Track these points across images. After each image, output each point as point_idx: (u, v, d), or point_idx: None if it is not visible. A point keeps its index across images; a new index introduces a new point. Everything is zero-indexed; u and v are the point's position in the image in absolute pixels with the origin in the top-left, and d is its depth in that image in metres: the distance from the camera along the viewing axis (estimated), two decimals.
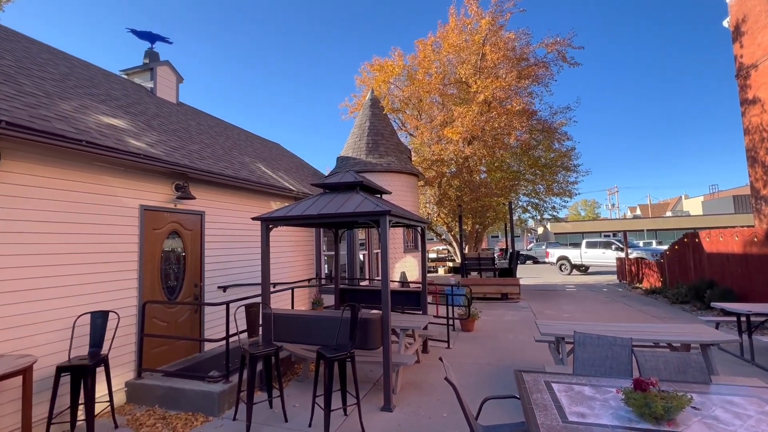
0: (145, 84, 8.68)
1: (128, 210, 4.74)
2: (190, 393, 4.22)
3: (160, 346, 5.04)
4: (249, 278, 6.71)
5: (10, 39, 6.02)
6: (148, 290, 4.91)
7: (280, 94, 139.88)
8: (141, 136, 5.25)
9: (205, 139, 7.55)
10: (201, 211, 5.85)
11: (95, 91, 6.09)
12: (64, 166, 4.07)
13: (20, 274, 3.64)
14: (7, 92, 3.94)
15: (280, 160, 10.55)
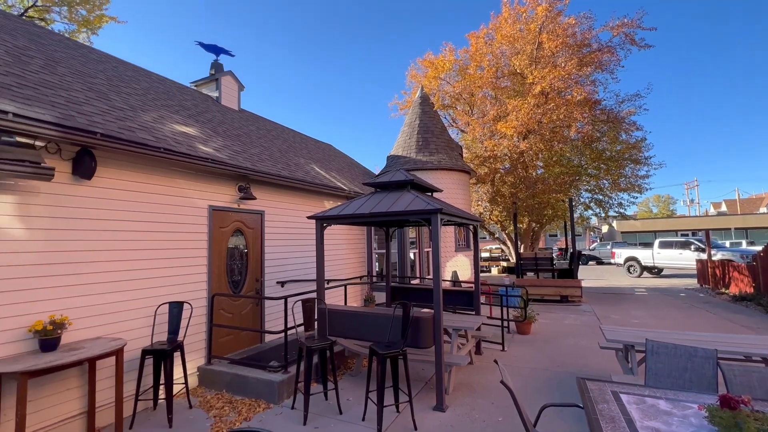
0: (211, 93, 9.41)
1: (199, 210, 5.18)
2: (253, 381, 4.51)
3: (227, 335, 5.45)
4: (304, 274, 7.01)
5: (102, 60, 6.85)
6: (216, 284, 5.33)
7: (332, 94, 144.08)
8: (209, 142, 5.70)
9: (264, 142, 8.01)
10: (261, 210, 6.22)
11: (170, 102, 6.73)
12: (146, 171, 4.55)
13: (113, 267, 4.14)
14: (101, 107, 4.50)
15: (333, 161, 10.88)
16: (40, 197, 3.59)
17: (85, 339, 3.80)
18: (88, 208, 3.96)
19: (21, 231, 3.45)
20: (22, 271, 3.43)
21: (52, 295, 3.63)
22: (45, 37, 6.17)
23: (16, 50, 4.71)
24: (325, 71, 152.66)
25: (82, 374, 3.79)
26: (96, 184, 4.02)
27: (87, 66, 5.89)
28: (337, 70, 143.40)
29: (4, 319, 3.29)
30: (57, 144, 3.70)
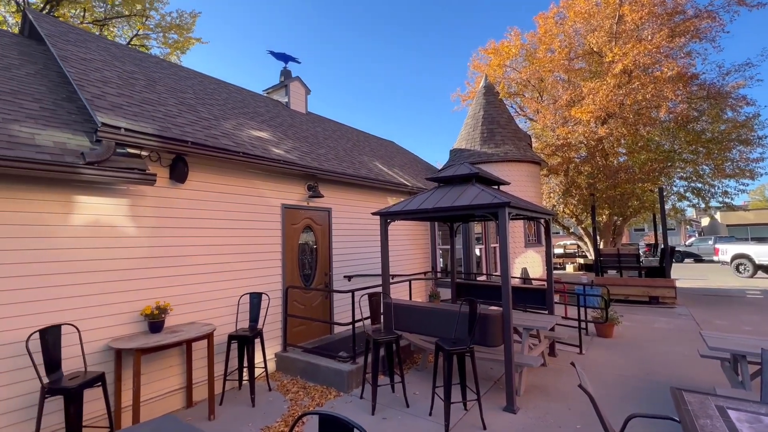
0: (281, 99, 10.05)
1: (273, 209, 5.58)
2: (324, 369, 4.76)
3: (300, 325, 5.81)
4: (370, 269, 7.19)
5: (190, 77, 7.68)
6: (289, 277, 5.71)
7: (392, 90, 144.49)
8: (280, 145, 6.11)
9: (330, 143, 8.35)
10: (328, 207, 6.51)
11: (246, 110, 7.33)
12: (227, 173, 5.02)
13: (202, 260, 4.65)
14: (190, 118, 5.06)
15: (395, 157, 10.97)
16: (145, 200, 4.15)
17: (182, 323, 4.32)
18: (182, 209, 4.49)
19: (133, 229, 4.03)
20: (134, 263, 4.01)
21: (156, 285, 4.19)
22: (145, 60, 7.09)
23: (125, 74, 5.48)
24: (385, 67, 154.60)
25: (181, 354, 4.33)
26: (188, 187, 4.53)
27: (178, 83, 6.66)
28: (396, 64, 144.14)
29: (122, 303, 3.88)
30: (157, 153, 4.25)
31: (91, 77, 4.65)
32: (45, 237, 3.44)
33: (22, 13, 7.91)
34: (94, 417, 3.55)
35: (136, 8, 13.38)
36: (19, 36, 6.46)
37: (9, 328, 3.18)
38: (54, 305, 3.44)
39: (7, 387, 3.14)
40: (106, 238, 3.83)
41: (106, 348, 3.71)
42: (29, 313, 3.30)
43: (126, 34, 14.17)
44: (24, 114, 3.74)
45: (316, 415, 1.49)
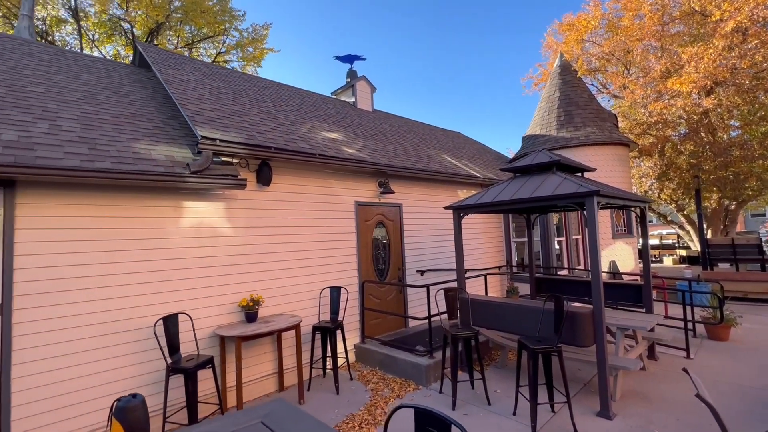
0: (348, 99, 10.37)
1: (347, 206, 5.81)
2: (402, 362, 4.85)
3: (375, 319, 5.99)
4: (442, 263, 7.13)
5: (267, 87, 8.29)
6: (364, 272, 5.91)
7: (458, 76, 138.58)
8: (351, 144, 6.31)
9: (397, 138, 8.41)
10: (399, 203, 6.58)
11: (318, 113, 7.69)
12: (305, 174, 5.33)
13: (287, 256, 5.01)
14: (271, 125, 5.46)
15: (463, 148, 10.68)
16: (237, 202, 4.60)
17: (272, 314, 4.72)
18: (268, 209, 4.88)
19: (228, 229, 4.50)
20: (231, 260, 4.47)
21: (249, 279, 4.62)
22: (229, 75, 7.81)
23: (215, 90, 6.10)
24: (449, 57, 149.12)
25: (272, 342, 4.74)
26: (272, 189, 4.91)
27: (258, 93, 7.22)
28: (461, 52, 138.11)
29: (224, 296, 4.36)
30: (246, 159, 4.67)
31: (189, 96, 5.25)
32: (162, 238, 4.00)
33: (133, 46, 9.17)
34: (206, 394, 4.05)
35: (219, 29, 14.79)
36: (131, 66, 7.53)
37: (140, 316, 3.77)
38: (172, 297, 3.99)
39: (142, 364, 3.73)
40: (208, 237, 4.32)
41: (212, 335, 4.21)
42: (154, 303, 3.87)
43: (210, 54, 15.74)
44: (141, 133, 4.37)
45: (406, 408, 1.53)
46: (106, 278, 3.64)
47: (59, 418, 3.29)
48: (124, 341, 3.68)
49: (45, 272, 3.35)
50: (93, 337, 3.52)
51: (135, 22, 13.40)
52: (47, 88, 4.63)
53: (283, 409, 1.54)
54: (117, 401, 1.10)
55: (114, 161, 3.57)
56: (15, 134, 3.38)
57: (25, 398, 3.17)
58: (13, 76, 4.64)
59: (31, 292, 3.26)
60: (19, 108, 3.89)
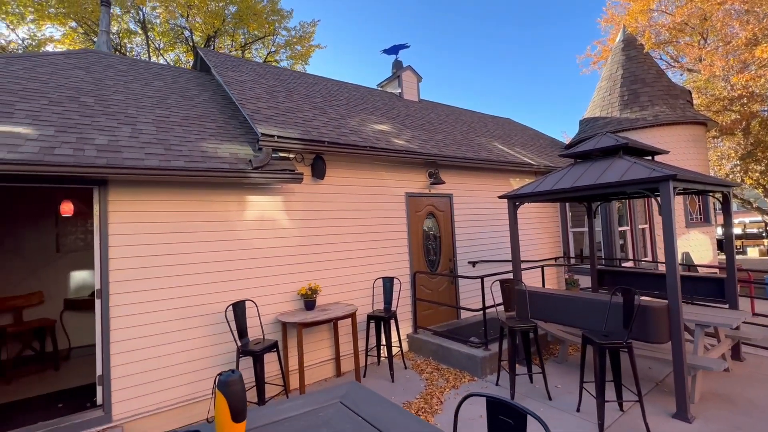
0: (394, 91, 10.34)
1: (397, 198, 5.84)
2: (456, 353, 4.83)
3: (427, 309, 6.00)
4: (495, 255, 6.96)
5: (316, 83, 8.49)
6: (415, 262, 5.93)
7: (507, 61, 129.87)
8: (400, 135, 6.31)
9: (445, 128, 8.26)
10: (449, 193, 6.49)
11: (366, 106, 7.76)
12: (356, 167, 5.42)
13: (341, 247, 5.16)
14: (322, 120, 5.61)
15: (514, 135, 10.24)
16: (294, 196, 4.80)
17: (329, 303, 4.91)
18: (322, 202, 5.04)
19: (287, 222, 4.72)
20: (290, 250, 4.70)
21: (307, 269, 4.83)
22: (282, 74, 8.10)
23: (270, 89, 6.37)
24: (498, 42, 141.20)
25: (329, 329, 4.93)
26: (326, 182, 5.06)
27: (308, 89, 7.43)
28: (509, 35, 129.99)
29: (284, 285, 4.61)
30: (301, 154, 4.85)
31: (247, 95, 5.54)
32: (228, 230, 4.29)
33: (194, 51, 9.81)
34: (270, 376, 4.33)
35: (269, 29, 15.38)
36: (193, 70, 8.07)
37: (212, 302, 4.09)
38: (238, 285, 4.29)
39: (215, 346, 4.07)
40: (269, 229, 4.57)
41: (275, 321, 4.48)
42: (223, 291, 4.19)
43: (261, 54, 16.42)
44: (208, 133, 4.69)
45: (468, 398, 1.52)
46: (183, 267, 3.99)
47: (150, 390, 3.69)
48: (199, 324, 4.02)
49: (133, 261, 3.74)
50: (174, 320, 3.89)
51: (195, 30, 14.33)
52: (126, 96, 5.11)
53: (358, 391, 1.60)
54: (219, 375, 1.21)
55: (186, 160, 3.88)
56: (105, 139, 3.78)
57: (122, 372, 3.59)
58: (99, 86, 5.18)
59: (122, 279, 3.67)
60: (106, 115, 4.35)
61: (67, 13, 12.45)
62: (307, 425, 1.29)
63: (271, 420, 1.32)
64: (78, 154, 3.38)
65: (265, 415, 1.36)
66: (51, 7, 12.29)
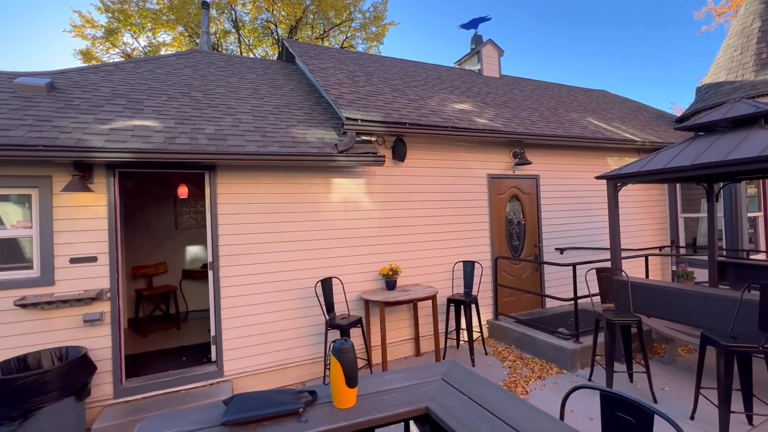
0: (473, 68, 9.85)
1: (478, 179, 5.62)
2: (542, 343, 4.57)
3: (509, 296, 5.76)
4: (586, 241, 6.38)
5: (393, 65, 8.45)
6: (497, 247, 5.69)
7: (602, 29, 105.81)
8: (482, 114, 6.01)
9: (531, 104, 7.66)
10: (536, 174, 6.06)
11: (444, 85, 7.53)
12: (435, 148, 5.32)
13: (421, 229, 5.15)
14: (402, 102, 5.58)
15: (611, 109, 9.12)
16: (376, 178, 4.89)
17: (409, 284, 4.97)
18: (403, 184, 5.06)
19: (368, 203, 4.84)
20: (372, 231, 4.83)
21: (387, 250, 4.93)
22: (360, 58, 8.21)
23: (350, 74, 6.51)
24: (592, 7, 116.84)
25: (409, 310, 5.01)
26: (406, 164, 5.06)
27: (386, 72, 7.43)
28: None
29: (366, 264, 4.77)
30: (382, 137, 4.90)
31: (330, 81, 5.73)
32: (316, 211, 4.55)
33: (279, 44, 10.40)
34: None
35: (345, 13, 15.69)
36: (279, 62, 8.58)
37: (302, 277, 4.42)
38: (324, 263, 4.55)
39: (307, 317, 4.41)
40: (352, 211, 4.74)
41: (358, 298, 4.68)
42: (311, 267, 4.48)
43: (338, 40, 16.84)
44: (296, 120, 4.98)
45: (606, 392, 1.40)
46: (277, 245, 4.34)
47: (251, 353, 4.16)
48: (291, 297, 4.38)
49: (236, 238, 4.18)
50: (270, 292, 4.29)
51: (279, 23, 15.21)
52: (226, 89, 5.63)
53: (459, 370, 1.60)
54: (334, 342, 1.29)
55: (280, 145, 4.17)
56: (213, 128, 4.23)
57: (230, 335, 4.09)
58: (204, 82, 5.78)
59: (228, 254, 4.13)
60: (211, 107, 4.84)
61: (176, 20, 14.07)
62: (413, 398, 1.33)
63: (379, 389, 1.38)
64: (193, 142, 3.83)
65: (372, 383, 1.43)
66: (164, 15, 14.00)
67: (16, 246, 3.49)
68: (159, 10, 13.98)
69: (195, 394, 3.80)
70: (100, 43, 13.95)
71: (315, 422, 1.21)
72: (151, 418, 1.27)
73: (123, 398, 3.66)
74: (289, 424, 1.19)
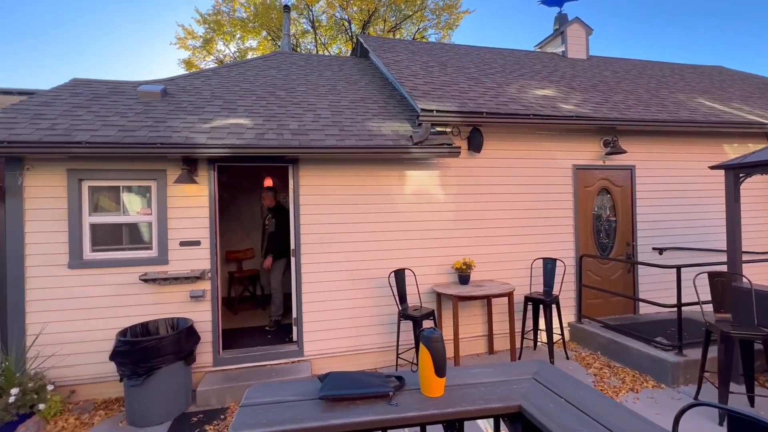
0: (556, 50, 9.10)
1: (562, 170, 5.20)
2: (636, 352, 4.12)
3: (595, 298, 5.28)
4: (691, 241, 5.58)
5: (467, 53, 8.16)
6: (582, 244, 5.24)
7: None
8: (568, 99, 5.53)
9: (625, 86, 6.86)
10: (630, 165, 5.43)
11: (523, 71, 7.07)
12: (514, 138, 5.03)
13: (496, 224, 4.95)
14: (479, 91, 5.37)
15: (730, 88, 7.77)
16: (450, 170, 4.79)
17: (482, 279, 4.82)
18: (478, 176, 4.90)
19: (442, 196, 4.77)
20: (445, 224, 4.77)
21: (460, 244, 4.82)
22: (433, 49, 8.08)
23: (424, 65, 6.44)
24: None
25: (482, 306, 4.87)
26: (483, 155, 4.88)
27: (460, 60, 7.21)
28: None
29: (438, 257, 4.73)
30: (458, 127, 4.77)
31: (405, 73, 5.73)
32: (390, 203, 4.61)
33: (353, 40, 10.67)
34: None
35: (416, 5, 15.54)
36: (353, 57, 8.80)
37: (378, 267, 4.52)
38: (398, 254, 4.61)
39: (380, 307, 4.52)
40: (425, 203, 4.71)
41: (430, 291, 4.66)
42: (385, 258, 4.56)
43: (410, 32, 16.75)
44: (371, 113, 5.07)
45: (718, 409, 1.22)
46: (352, 235, 4.50)
47: (327, 337, 4.39)
48: (365, 287, 4.51)
49: (315, 228, 4.42)
50: (345, 280, 4.47)
51: (352, 19, 15.61)
52: (306, 87, 5.94)
53: (550, 370, 1.51)
54: (422, 331, 1.30)
55: (356, 139, 4.29)
56: (296, 124, 4.50)
57: (309, 318, 4.36)
58: (287, 81, 6.16)
59: (309, 242, 4.38)
60: (294, 104, 5.15)
61: (260, 25, 15.21)
62: (503, 394, 1.28)
63: (466, 381, 1.36)
64: (279, 137, 4.11)
65: (459, 375, 1.42)
66: (250, 23, 15.22)
67: (139, 230, 4.10)
68: (246, 18, 15.23)
69: (279, 369, 4.13)
70: (198, 52, 15.66)
71: (404, 407, 1.23)
72: (257, 386, 1.41)
73: (220, 367, 4.12)
74: (379, 406, 1.23)
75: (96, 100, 4.58)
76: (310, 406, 1.23)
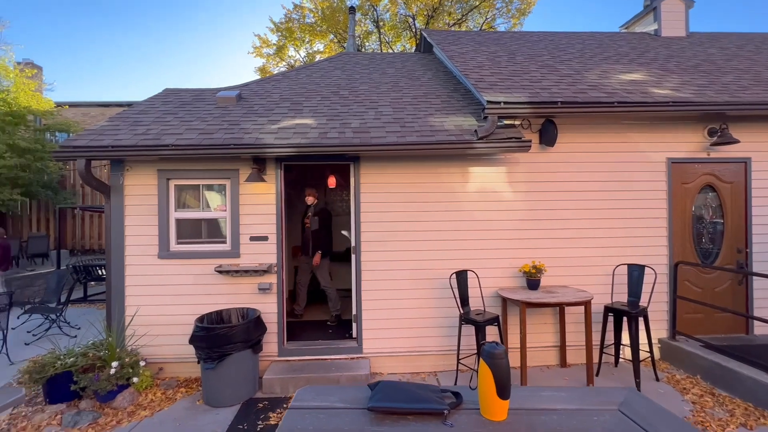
0: (647, 29, 8.03)
1: (654, 165, 4.55)
2: (749, 380, 3.44)
3: (693, 312, 4.54)
4: None
5: (540, 39, 7.55)
6: (678, 250, 4.54)
7: None
8: (661, 84, 4.82)
9: (739, 64, 5.79)
10: (744, 157, 4.56)
11: (606, 54, 6.33)
12: (594, 130, 4.52)
13: (572, 224, 4.49)
14: (553, 79, 4.91)
15: None
16: (518, 166, 4.45)
17: (555, 285, 4.40)
18: (550, 172, 4.48)
19: (509, 194, 4.45)
20: (512, 224, 4.44)
21: (530, 245, 4.46)
22: (501, 38, 7.61)
23: (491, 55, 6.08)
24: None
25: (554, 314, 4.45)
26: (556, 149, 4.45)
27: (532, 48, 6.68)
28: None
29: (505, 259, 4.43)
30: (528, 120, 4.41)
31: (470, 65, 5.45)
32: (453, 201, 4.42)
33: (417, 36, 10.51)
34: None
35: None
36: (417, 53, 8.65)
37: (437, 268, 4.37)
38: (460, 254, 4.40)
39: (440, 308, 4.37)
40: (490, 201, 4.44)
41: (494, 295, 4.39)
42: (446, 258, 4.39)
43: (477, 23, 16.10)
44: (434, 108, 4.91)
45: None
46: (414, 233, 4.40)
47: (386, 336, 4.35)
48: (425, 287, 4.39)
49: (376, 225, 4.39)
50: (406, 279, 4.38)
51: (416, 15, 15.45)
52: (369, 85, 5.96)
53: (641, 401, 1.26)
54: (483, 344, 1.16)
55: (418, 135, 4.17)
56: (358, 122, 4.51)
57: (368, 315, 4.36)
58: (351, 80, 6.24)
59: (369, 240, 4.38)
60: (356, 102, 5.18)
61: (327, 29, 15.76)
62: (581, 426, 1.08)
63: (536, 406, 1.18)
64: (341, 136, 4.15)
65: (525, 397, 1.24)
66: (318, 27, 15.85)
67: (215, 225, 4.44)
68: (314, 22, 15.87)
69: (339, 364, 4.19)
70: (272, 59, 16.71)
71: (461, 428, 1.10)
72: (307, 388, 1.38)
73: (284, 357, 4.30)
74: (433, 425, 1.11)
75: (182, 106, 5.05)
76: (358, 416, 1.16)
